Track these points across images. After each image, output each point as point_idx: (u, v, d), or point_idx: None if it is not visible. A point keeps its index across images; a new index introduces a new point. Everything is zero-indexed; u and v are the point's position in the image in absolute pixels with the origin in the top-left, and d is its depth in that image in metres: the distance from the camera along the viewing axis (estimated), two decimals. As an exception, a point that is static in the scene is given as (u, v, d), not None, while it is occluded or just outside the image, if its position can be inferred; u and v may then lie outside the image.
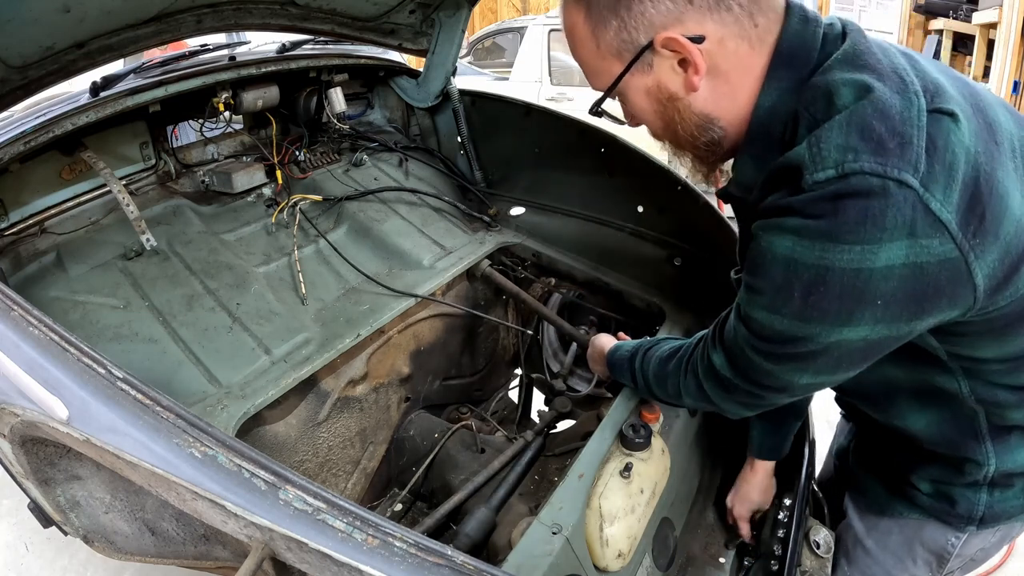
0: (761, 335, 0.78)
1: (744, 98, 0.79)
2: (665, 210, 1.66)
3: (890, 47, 0.76)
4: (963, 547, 1.01)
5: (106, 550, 1.07)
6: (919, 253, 0.65)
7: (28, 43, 1.14)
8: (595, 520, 0.99)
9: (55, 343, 0.80)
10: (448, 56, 1.91)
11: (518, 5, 11.19)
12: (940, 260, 0.65)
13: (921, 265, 0.65)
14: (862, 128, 0.66)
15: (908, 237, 0.64)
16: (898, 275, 0.65)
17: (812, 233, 0.67)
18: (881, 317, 0.68)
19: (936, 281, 0.67)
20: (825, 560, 1.18)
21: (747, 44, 0.76)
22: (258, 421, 1.29)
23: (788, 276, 0.70)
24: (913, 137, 0.65)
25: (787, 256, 0.69)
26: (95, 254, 1.37)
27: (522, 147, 1.91)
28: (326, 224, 1.71)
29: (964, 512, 0.97)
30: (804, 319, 0.71)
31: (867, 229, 0.64)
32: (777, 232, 0.70)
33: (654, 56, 0.77)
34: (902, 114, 0.66)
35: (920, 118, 0.66)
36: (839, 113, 0.68)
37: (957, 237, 0.65)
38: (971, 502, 0.96)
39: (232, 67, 1.55)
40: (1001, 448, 0.91)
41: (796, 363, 0.78)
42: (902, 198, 0.63)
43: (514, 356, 2.08)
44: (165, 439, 0.72)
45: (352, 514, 0.66)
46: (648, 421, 1.17)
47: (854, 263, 0.65)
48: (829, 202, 0.65)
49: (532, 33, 5.87)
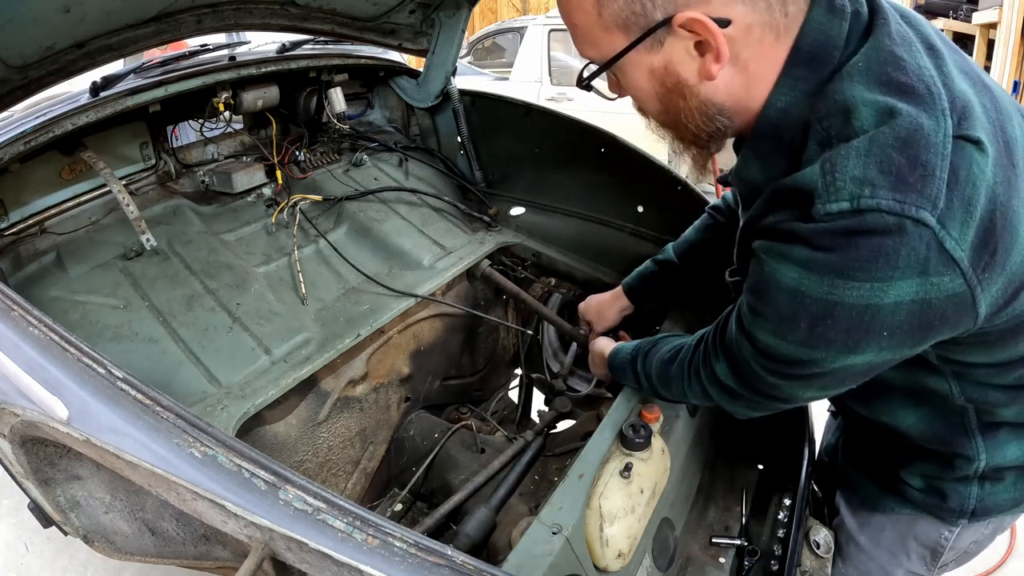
0: (766, 354, 0.77)
1: (759, 92, 0.73)
2: (665, 210, 1.66)
3: (914, 41, 0.70)
4: (956, 540, 1.02)
5: (106, 550, 1.07)
6: (928, 290, 0.64)
7: (28, 43, 1.14)
8: (595, 520, 0.99)
9: (55, 343, 0.80)
10: (448, 56, 1.91)
11: (518, 5, 11.19)
12: (948, 295, 0.65)
13: (929, 300, 0.64)
14: (881, 160, 0.62)
15: (920, 275, 0.63)
16: (906, 310, 0.65)
17: (821, 267, 0.65)
18: (886, 345, 0.68)
19: (942, 313, 0.66)
20: (825, 560, 1.18)
21: (773, 34, 0.70)
22: (258, 421, 1.29)
23: (794, 307, 0.68)
24: (936, 168, 0.62)
25: (793, 288, 0.68)
26: (95, 254, 1.37)
27: (522, 147, 1.91)
28: (326, 224, 1.71)
29: (956, 506, 0.97)
30: (810, 347, 0.70)
31: (879, 267, 0.62)
32: (783, 261, 0.68)
33: (668, 35, 0.70)
34: (928, 139, 0.63)
35: (945, 145, 0.63)
36: (857, 137, 0.64)
37: (967, 274, 0.64)
38: (963, 496, 0.96)
39: (232, 67, 1.55)
40: (991, 443, 0.91)
41: (801, 381, 0.78)
42: (917, 236, 0.62)
43: (514, 356, 2.08)
44: (165, 439, 0.72)
45: (352, 514, 0.66)
46: (648, 421, 1.17)
47: (863, 299, 0.64)
48: (841, 237, 0.63)
49: (532, 33, 5.87)
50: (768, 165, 0.76)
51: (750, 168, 0.81)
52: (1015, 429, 0.91)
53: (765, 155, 0.77)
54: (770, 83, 0.73)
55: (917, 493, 1.01)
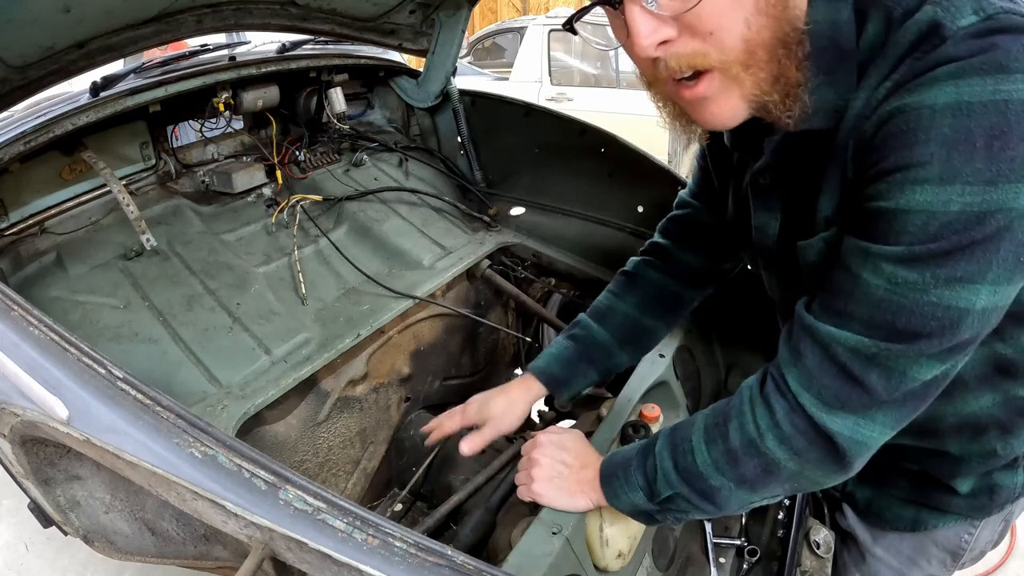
0: (924, 236, 0.60)
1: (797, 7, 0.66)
2: (665, 210, 1.66)
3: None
4: (975, 541, 0.99)
5: (106, 550, 1.07)
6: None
7: (28, 43, 1.14)
8: (595, 520, 0.99)
9: (55, 343, 0.80)
10: (448, 56, 1.91)
11: (518, 5, 11.20)
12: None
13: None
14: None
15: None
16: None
17: (978, 69, 0.57)
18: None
19: None
20: (825, 560, 1.18)
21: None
22: (258, 421, 1.29)
23: (961, 125, 0.57)
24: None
25: (953, 104, 0.57)
26: (95, 254, 1.37)
27: (522, 147, 1.91)
28: (326, 224, 1.71)
29: (1004, 499, 0.92)
30: (991, 178, 0.57)
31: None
32: (928, 88, 0.59)
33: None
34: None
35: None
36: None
37: None
38: (1011, 486, 0.91)
39: (232, 67, 1.55)
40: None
41: (976, 265, 0.60)
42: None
43: (514, 356, 2.08)
44: (165, 439, 0.72)
45: (352, 514, 0.66)
46: (648, 421, 1.17)
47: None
48: (985, 38, 0.57)
49: (532, 33, 5.87)
50: (838, 80, 0.68)
51: (826, 94, 0.69)
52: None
53: (831, 69, 0.68)
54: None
55: (963, 500, 0.93)
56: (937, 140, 0.58)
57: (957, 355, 0.66)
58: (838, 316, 0.69)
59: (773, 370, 0.76)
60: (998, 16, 0.58)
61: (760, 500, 0.80)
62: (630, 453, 0.90)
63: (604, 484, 0.92)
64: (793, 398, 0.72)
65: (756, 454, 0.75)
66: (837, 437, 0.70)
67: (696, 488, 0.80)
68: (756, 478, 0.76)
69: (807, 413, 0.70)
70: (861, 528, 1.11)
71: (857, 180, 0.68)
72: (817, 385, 0.70)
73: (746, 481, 0.77)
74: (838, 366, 0.69)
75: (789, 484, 0.76)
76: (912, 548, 1.05)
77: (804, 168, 0.77)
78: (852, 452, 0.70)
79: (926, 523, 0.99)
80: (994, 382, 0.83)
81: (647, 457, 0.86)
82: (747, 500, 0.79)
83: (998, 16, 0.58)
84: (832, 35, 0.67)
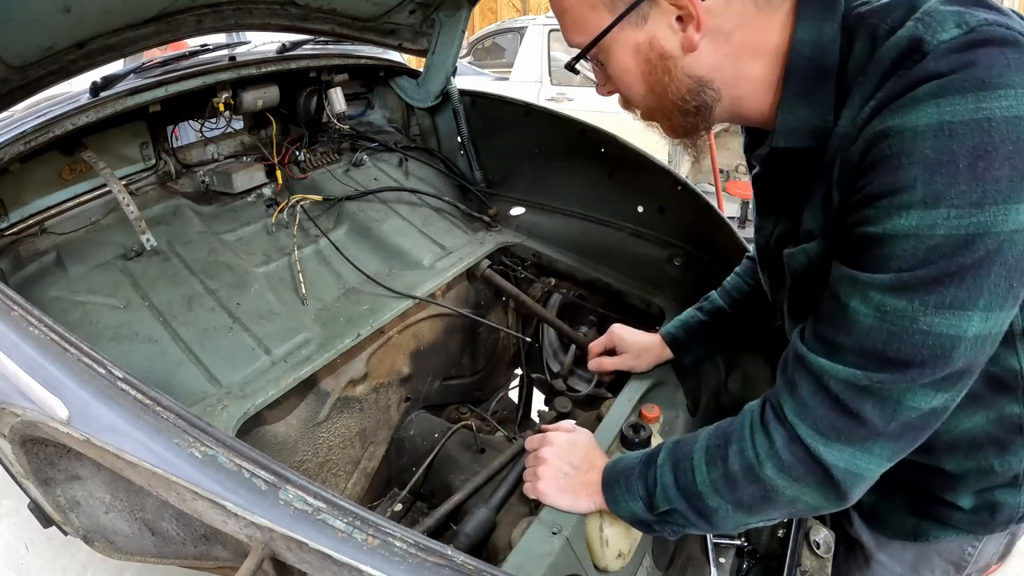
0: (912, 262, 0.60)
1: (747, 59, 0.72)
2: (665, 210, 1.66)
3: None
4: (979, 555, 0.99)
5: (106, 550, 1.07)
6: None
7: (28, 43, 1.14)
8: (595, 520, 0.99)
9: (55, 343, 0.80)
10: (448, 56, 1.91)
11: (518, 5, 11.20)
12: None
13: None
14: (966, 2, 0.61)
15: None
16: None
17: (959, 87, 0.56)
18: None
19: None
20: (825, 560, 1.18)
21: (752, 5, 0.70)
22: (258, 421, 1.29)
23: (943, 146, 0.56)
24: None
25: (935, 125, 0.57)
26: (95, 254, 1.37)
27: (522, 147, 1.91)
28: (326, 224, 1.71)
29: (1006, 518, 0.91)
30: (977, 200, 0.56)
31: (1013, 73, 0.56)
32: (910, 109, 0.58)
33: (651, 8, 0.71)
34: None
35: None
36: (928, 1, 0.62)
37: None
38: (1013, 504, 0.90)
39: (232, 67, 1.55)
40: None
41: (966, 292, 0.59)
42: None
43: (514, 356, 2.08)
44: (165, 439, 0.72)
45: (352, 514, 0.66)
46: (648, 421, 1.17)
47: (1013, 109, 0.55)
48: (965, 52, 0.57)
49: (532, 33, 5.88)
50: (813, 98, 0.71)
51: (797, 112, 0.73)
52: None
53: (808, 91, 0.71)
54: (774, 40, 0.71)
55: (964, 515, 0.92)
56: (920, 163, 0.58)
57: (954, 385, 0.66)
58: (830, 346, 0.69)
59: (772, 398, 0.77)
60: (981, 28, 0.58)
61: (756, 523, 0.81)
62: (633, 461, 0.91)
63: (606, 489, 0.93)
64: (791, 427, 0.72)
65: (755, 480, 0.76)
66: (833, 469, 0.70)
67: (694, 506, 0.82)
68: (754, 503, 0.77)
69: (804, 443, 0.71)
70: (866, 534, 1.10)
71: (844, 204, 0.68)
72: (812, 416, 0.71)
73: (743, 505, 0.78)
74: (831, 398, 0.69)
75: (786, 509, 0.77)
76: (915, 557, 1.04)
77: (791, 182, 0.80)
78: (848, 483, 0.71)
79: (927, 534, 0.98)
80: (985, 400, 0.83)
81: (649, 468, 0.87)
82: (743, 522, 0.81)
83: (981, 28, 0.58)
84: (812, 55, 0.69)
